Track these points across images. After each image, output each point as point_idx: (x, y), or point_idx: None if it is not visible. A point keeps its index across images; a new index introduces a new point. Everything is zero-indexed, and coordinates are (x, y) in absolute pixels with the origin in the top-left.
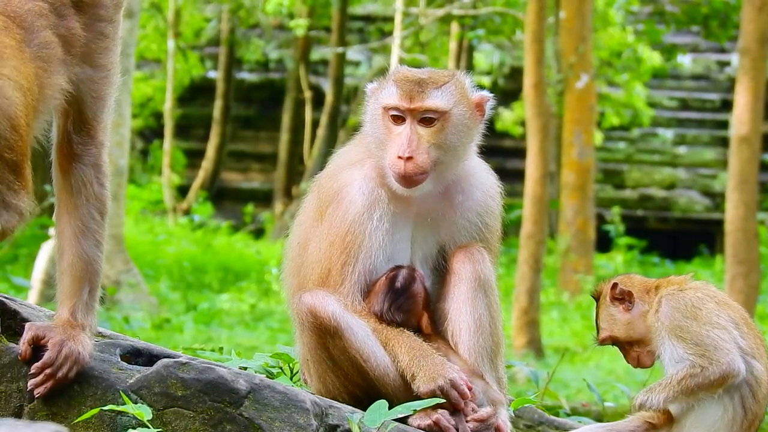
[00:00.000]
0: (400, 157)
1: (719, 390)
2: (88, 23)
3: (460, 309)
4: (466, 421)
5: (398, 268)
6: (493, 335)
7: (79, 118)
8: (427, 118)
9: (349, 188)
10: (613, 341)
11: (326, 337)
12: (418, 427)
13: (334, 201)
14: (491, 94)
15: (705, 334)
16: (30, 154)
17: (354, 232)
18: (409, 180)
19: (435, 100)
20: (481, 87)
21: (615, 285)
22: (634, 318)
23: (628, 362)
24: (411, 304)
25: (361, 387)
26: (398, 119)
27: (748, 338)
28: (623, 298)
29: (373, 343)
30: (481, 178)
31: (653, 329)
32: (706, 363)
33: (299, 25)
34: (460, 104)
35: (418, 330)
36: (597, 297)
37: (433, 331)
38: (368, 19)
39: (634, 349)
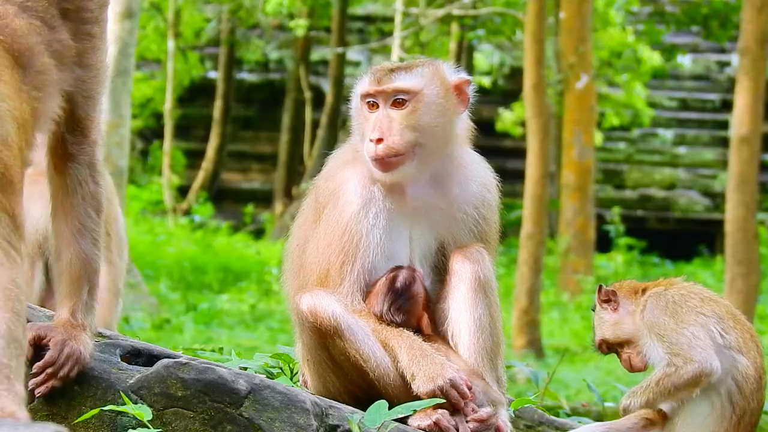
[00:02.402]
0: (371, 141)
1: (696, 390)
2: (75, 27)
3: (460, 309)
4: (466, 422)
5: (398, 268)
6: (493, 335)
7: (72, 118)
8: (398, 101)
9: (344, 188)
10: (605, 344)
11: (326, 337)
12: (419, 428)
13: (330, 202)
14: (469, 77)
15: (680, 332)
16: (24, 175)
17: (351, 231)
18: (383, 163)
19: (403, 81)
20: (481, 87)
21: (600, 287)
22: (621, 318)
23: (624, 366)
24: (411, 304)
25: (361, 387)
26: (373, 106)
27: (734, 332)
28: (609, 299)
29: (372, 343)
30: (477, 170)
31: (640, 329)
32: (680, 362)
33: (299, 26)
34: (432, 85)
35: (418, 330)
36: (594, 311)
37: (433, 331)
38: (368, 19)
39: (625, 350)
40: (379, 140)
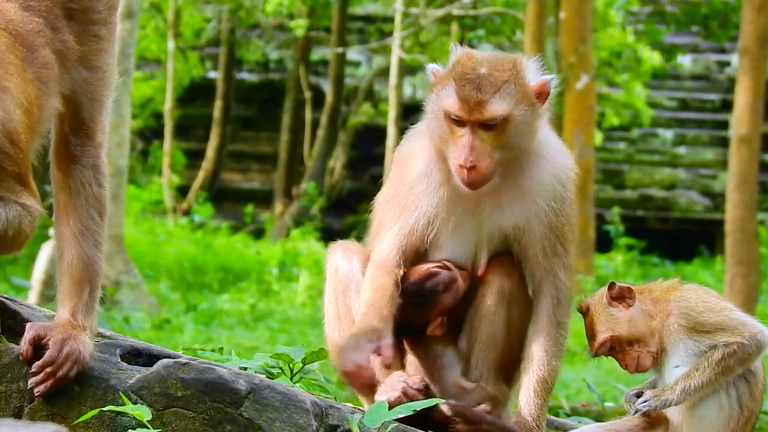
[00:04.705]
0: (461, 166)
1: (756, 361)
2: (81, 29)
3: (480, 320)
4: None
5: (444, 269)
6: (504, 353)
7: (76, 120)
8: (488, 124)
9: (414, 155)
10: (613, 342)
11: (338, 291)
12: (387, 402)
13: (400, 164)
14: (552, 76)
15: (726, 316)
16: (31, 170)
17: (406, 193)
18: (472, 185)
19: (494, 108)
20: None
21: (613, 284)
22: (636, 315)
23: (626, 366)
24: (426, 308)
25: None
26: (459, 123)
27: None
28: (623, 296)
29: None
30: (553, 161)
31: (665, 333)
32: (740, 339)
33: (299, 26)
34: (520, 103)
35: (423, 328)
36: (585, 310)
37: (445, 328)
38: (368, 19)
39: (635, 349)
40: (472, 167)
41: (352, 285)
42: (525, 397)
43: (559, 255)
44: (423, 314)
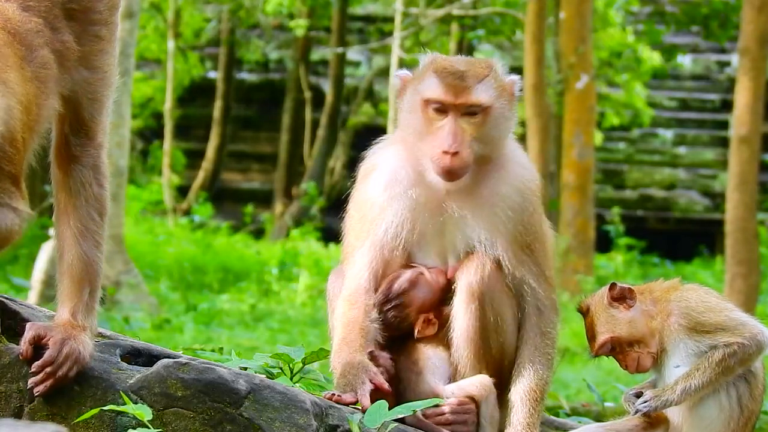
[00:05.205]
0: (445, 152)
1: (756, 361)
2: (81, 29)
3: (454, 318)
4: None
5: (409, 269)
6: (478, 348)
7: (76, 120)
8: (470, 112)
9: (377, 167)
10: (614, 343)
11: (330, 304)
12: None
13: (363, 179)
14: (518, 77)
15: (726, 316)
16: (25, 171)
17: (370, 207)
18: (451, 174)
19: (479, 95)
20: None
21: (614, 285)
22: (636, 316)
23: (627, 366)
24: (400, 310)
25: None
26: (440, 111)
27: None
28: (623, 296)
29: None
30: (513, 172)
31: (665, 333)
32: (740, 339)
33: (299, 26)
34: (500, 97)
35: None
36: (585, 310)
37: (437, 327)
38: (368, 19)
39: (635, 350)
40: (455, 153)
41: (334, 298)
42: (513, 409)
43: (526, 264)
44: (403, 318)
